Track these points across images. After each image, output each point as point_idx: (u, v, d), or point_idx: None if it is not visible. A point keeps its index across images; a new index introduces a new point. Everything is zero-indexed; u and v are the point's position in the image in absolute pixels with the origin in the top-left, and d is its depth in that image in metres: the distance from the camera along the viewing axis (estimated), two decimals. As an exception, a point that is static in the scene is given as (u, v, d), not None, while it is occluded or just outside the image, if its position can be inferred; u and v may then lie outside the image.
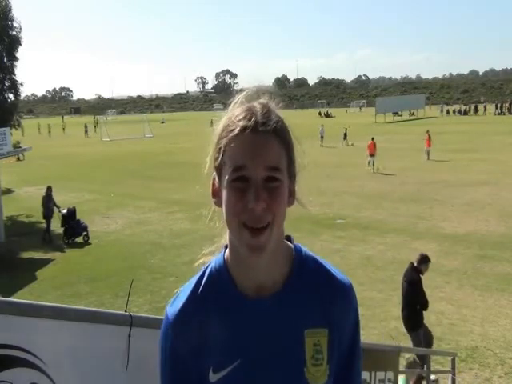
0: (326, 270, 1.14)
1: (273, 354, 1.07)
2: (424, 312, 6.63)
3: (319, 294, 1.11)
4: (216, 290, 1.11)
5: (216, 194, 1.08)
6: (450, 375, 5.97)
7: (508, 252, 10.83)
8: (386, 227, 13.18)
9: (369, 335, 6.94)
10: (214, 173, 1.08)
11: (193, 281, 1.15)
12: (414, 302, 6.49)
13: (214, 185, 1.09)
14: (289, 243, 1.16)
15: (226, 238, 1.13)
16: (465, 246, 11.41)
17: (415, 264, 6.67)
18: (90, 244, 13.28)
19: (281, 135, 1.03)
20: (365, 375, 4.01)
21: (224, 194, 1.03)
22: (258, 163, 0.99)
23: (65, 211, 13.86)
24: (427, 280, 9.59)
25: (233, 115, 1.05)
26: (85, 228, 13.59)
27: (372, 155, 21.91)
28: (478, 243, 11.55)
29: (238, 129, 1.01)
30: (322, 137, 32.23)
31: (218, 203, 1.07)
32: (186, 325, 1.10)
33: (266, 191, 0.99)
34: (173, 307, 1.13)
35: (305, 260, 1.14)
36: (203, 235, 12.06)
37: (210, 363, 1.09)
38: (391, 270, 9.87)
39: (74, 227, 13.62)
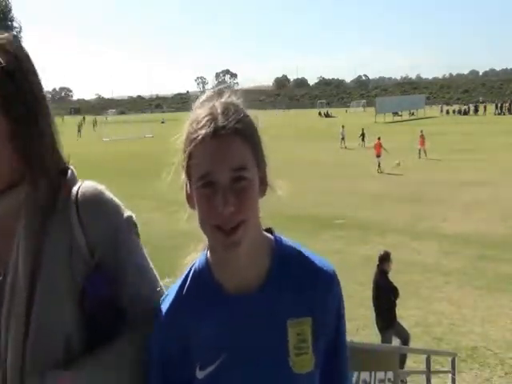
0: (306, 258, 1.15)
1: (257, 347, 1.09)
2: (397, 312, 6.73)
3: (301, 283, 1.12)
4: (200, 288, 1.14)
5: (189, 198, 1.10)
6: (449, 375, 5.97)
7: (508, 252, 10.82)
8: (386, 227, 13.17)
9: (369, 335, 6.94)
10: (186, 178, 1.10)
11: (179, 281, 1.18)
12: (382, 304, 6.56)
13: (186, 190, 1.11)
14: (269, 235, 1.17)
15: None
16: (465, 246, 11.40)
17: (379, 266, 6.79)
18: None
19: (243, 132, 1.03)
20: (365, 375, 4.02)
21: (195, 199, 1.06)
22: (222, 167, 1.01)
23: None
24: (427, 280, 9.64)
25: (195, 121, 1.06)
26: None
27: (378, 156, 21.79)
28: (478, 243, 11.54)
29: (199, 137, 1.02)
30: (342, 138, 30.62)
31: (193, 207, 1.09)
32: (172, 324, 1.13)
33: (233, 194, 1.01)
34: (161, 308, 1.16)
35: (285, 250, 1.15)
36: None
37: (197, 360, 1.11)
38: (391, 270, 9.86)
39: None
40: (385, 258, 6.77)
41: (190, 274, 1.16)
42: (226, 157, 1.01)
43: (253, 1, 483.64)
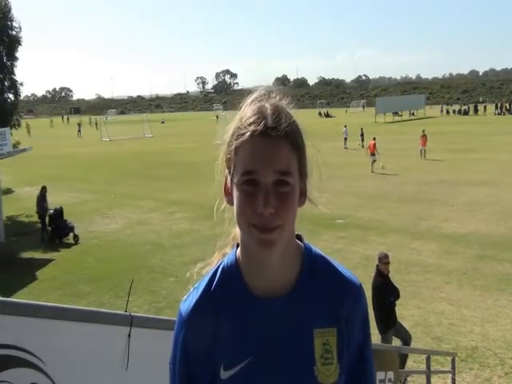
0: (335, 270, 1.15)
1: (283, 353, 1.09)
2: (397, 312, 6.74)
3: (328, 294, 1.12)
4: (228, 288, 1.12)
5: (228, 192, 1.09)
6: (450, 375, 5.97)
7: (508, 252, 10.83)
8: (386, 227, 13.18)
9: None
10: (227, 171, 1.09)
11: (206, 279, 1.16)
12: (379, 306, 6.54)
13: (226, 184, 1.10)
14: (299, 242, 1.17)
15: (237, 237, 1.14)
16: (465, 246, 11.41)
17: (378, 268, 6.79)
18: (90, 244, 13.27)
19: (291, 138, 1.03)
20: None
21: (235, 194, 1.05)
22: (268, 168, 1.00)
23: (51, 211, 13.84)
24: (427, 280, 9.64)
25: (244, 117, 1.05)
26: (71, 228, 13.52)
27: (372, 154, 21.87)
28: (477, 243, 11.55)
29: (248, 133, 1.02)
30: (345, 138, 30.49)
31: (230, 202, 1.08)
32: (199, 322, 1.12)
33: (275, 196, 1.00)
34: (186, 304, 1.14)
35: (314, 259, 1.15)
36: (203, 235, 11.96)
37: (222, 360, 1.11)
38: (391, 270, 9.83)
39: (60, 227, 13.58)
40: (381, 260, 6.77)
41: (218, 273, 1.15)
42: (274, 158, 1.00)
43: (253, 1, 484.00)
